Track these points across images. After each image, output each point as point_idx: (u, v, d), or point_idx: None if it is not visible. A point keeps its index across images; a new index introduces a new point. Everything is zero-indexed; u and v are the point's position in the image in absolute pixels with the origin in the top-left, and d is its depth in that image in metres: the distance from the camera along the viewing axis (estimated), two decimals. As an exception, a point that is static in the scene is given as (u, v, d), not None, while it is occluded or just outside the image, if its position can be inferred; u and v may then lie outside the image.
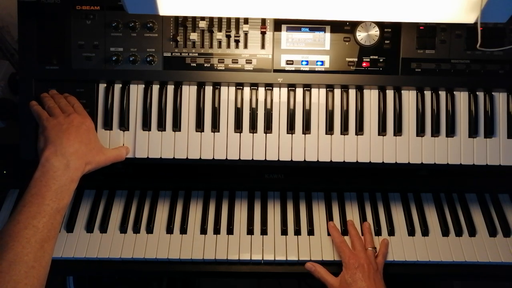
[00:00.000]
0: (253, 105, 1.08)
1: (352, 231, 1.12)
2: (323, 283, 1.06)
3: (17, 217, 0.82)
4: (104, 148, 1.04)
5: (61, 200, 0.87)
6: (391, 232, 1.13)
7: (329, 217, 1.15)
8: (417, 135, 1.09)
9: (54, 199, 0.86)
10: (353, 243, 1.09)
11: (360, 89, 1.10)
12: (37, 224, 0.82)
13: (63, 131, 0.94)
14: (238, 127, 1.07)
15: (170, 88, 1.09)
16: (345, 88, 1.09)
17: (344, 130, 1.08)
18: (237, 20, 1.07)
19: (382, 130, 1.08)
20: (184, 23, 1.07)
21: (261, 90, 1.09)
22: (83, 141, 0.96)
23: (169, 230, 1.12)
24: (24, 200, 0.84)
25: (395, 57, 1.08)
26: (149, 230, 1.12)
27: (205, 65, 1.07)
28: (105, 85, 1.08)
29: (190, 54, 1.07)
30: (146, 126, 1.07)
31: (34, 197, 0.84)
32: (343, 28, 1.08)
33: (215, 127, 1.08)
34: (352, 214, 1.17)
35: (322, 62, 1.08)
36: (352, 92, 1.09)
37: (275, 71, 1.08)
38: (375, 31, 1.07)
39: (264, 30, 1.07)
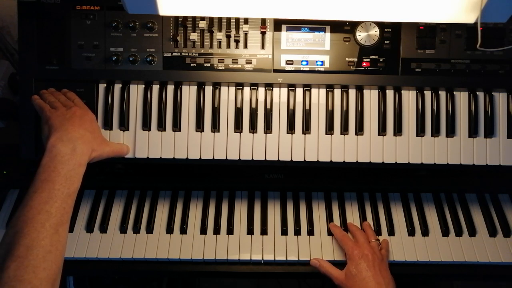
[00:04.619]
0: (253, 105, 1.08)
1: (353, 227, 1.12)
2: (328, 279, 1.05)
3: (29, 203, 0.82)
4: (107, 140, 1.05)
5: (71, 185, 0.87)
6: (391, 232, 1.13)
7: (329, 217, 1.15)
8: (417, 135, 1.09)
9: (64, 184, 0.86)
10: (356, 236, 1.09)
11: (360, 89, 1.10)
12: (49, 209, 0.82)
13: (67, 119, 0.94)
14: (238, 127, 1.07)
15: (170, 88, 1.09)
16: (345, 88, 1.09)
17: (344, 130, 1.08)
18: (237, 20, 1.07)
19: (382, 130, 1.08)
20: (184, 23, 1.07)
21: (261, 90, 1.09)
22: (88, 129, 0.96)
23: (169, 230, 1.12)
24: (34, 186, 0.84)
25: (395, 57, 1.08)
26: (149, 230, 1.12)
27: (205, 65, 1.07)
28: (105, 85, 1.08)
29: (190, 54, 1.07)
30: (146, 126, 1.07)
31: (44, 182, 0.84)
32: (343, 28, 1.08)
33: (215, 127, 1.08)
34: (352, 214, 1.17)
35: (322, 62, 1.08)
36: (352, 92, 1.09)
37: (275, 71, 1.08)
38: (375, 31, 1.07)
39: (264, 30, 1.07)
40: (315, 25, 1.08)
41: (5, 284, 0.72)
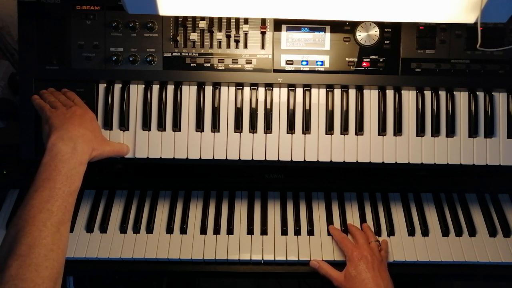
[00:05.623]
0: (253, 105, 1.08)
1: (353, 227, 1.12)
2: (328, 280, 1.05)
3: (30, 202, 0.82)
4: (108, 140, 1.05)
5: (72, 184, 0.87)
6: (391, 232, 1.13)
7: (329, 217, 1.15)
8: (417, 135, 1.09)
9: (65, 183, 0.86)
10: (356, 237, 1.09)
11: (360, 89, 1.10)
12: (51, 207, 0.82)
13: (67, 119, 0.95)
14: (238, 127, 1.07)
15: (170, 88, 1.09)
16: (345, 88, 1.09)
17: (344, 130, 1.08)
18: (237, 20, 1.07)
19: (382, 130, 1.08)
20: (184, 23, 1.07)
21: (261, 90, 1.09)
22: (88, 128, 0.96)
23: (169, 230, 1.12)
24: (35, 185, 0.84)
25: (395, 57, 1.08)
26: (149, 230, 1.12)
27: (205, 65, 1.07)
28: (105, 85, 1.08)
29: (190, 54, 1.07)
30: (146, 126, 1.07)
31: (45, 181, 0.84)
32: (343, 28, 1.08)
33: (215, 127, 1.08)
34: (352, 214, 1.17)
35: (322, 62, 1.08)
36: (352, 92, 1.09)
37: (275, 71, 1.08)
38: (375, 31, 1.07)
39: (264, 30, 1.07)
40: (315, 25, 1.08)
41: (7, 282, 0.72)
